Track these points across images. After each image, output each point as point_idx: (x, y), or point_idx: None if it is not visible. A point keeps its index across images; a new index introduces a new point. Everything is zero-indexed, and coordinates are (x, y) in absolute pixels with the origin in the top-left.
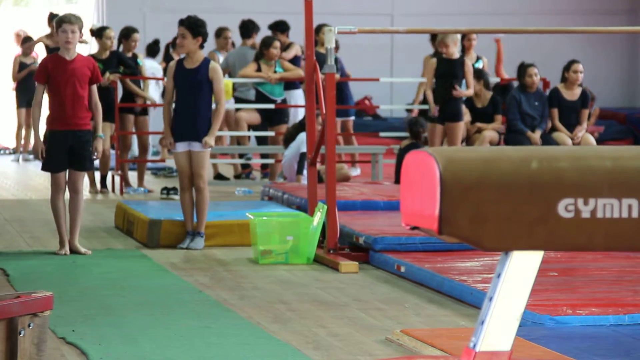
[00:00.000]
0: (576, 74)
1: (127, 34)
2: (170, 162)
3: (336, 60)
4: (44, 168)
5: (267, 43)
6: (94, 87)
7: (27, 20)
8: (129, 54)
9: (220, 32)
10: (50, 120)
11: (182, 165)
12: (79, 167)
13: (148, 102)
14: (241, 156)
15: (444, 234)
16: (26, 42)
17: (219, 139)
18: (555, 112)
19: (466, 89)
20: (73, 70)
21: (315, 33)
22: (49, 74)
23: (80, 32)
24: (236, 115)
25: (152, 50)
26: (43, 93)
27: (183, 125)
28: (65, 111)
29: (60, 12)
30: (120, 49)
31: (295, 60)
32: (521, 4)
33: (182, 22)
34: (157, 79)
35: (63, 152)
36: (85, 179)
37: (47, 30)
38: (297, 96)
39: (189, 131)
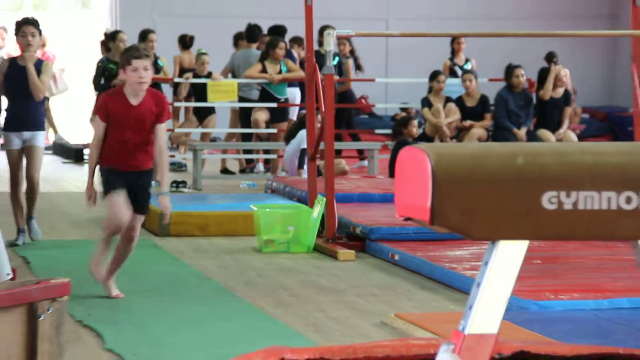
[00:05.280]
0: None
1: (144, 35)
2: (180, 158)
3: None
4: (105, 193)
5: (273, 44)
6: (161, 128)
7: (46, 24)
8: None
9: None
10: (105, 160)
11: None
12: (139, 210)
13: None
14: (246, 152)
15: (435, 225)
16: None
17: (231, 137)
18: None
19: None
20: (137, 116)
21: (320, 34)
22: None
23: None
24: (253, 118)
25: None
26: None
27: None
28: (123, 157)
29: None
30: None
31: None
32: (511, 9)
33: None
34: (167, 80)
35: (123, 183)
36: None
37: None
38: (294, 94)
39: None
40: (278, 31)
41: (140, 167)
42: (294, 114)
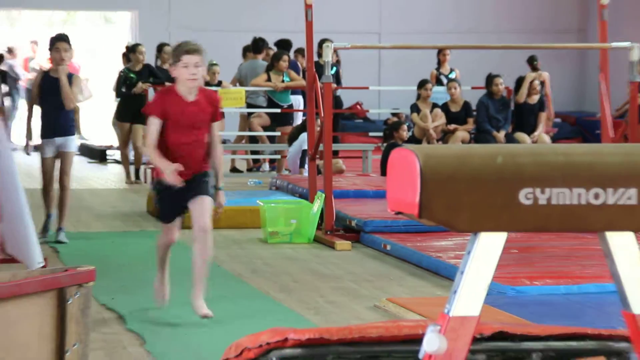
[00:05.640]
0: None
1: (160, 48)
2: None
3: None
4: (159, 219)
5: (277, 57)
6: (216, 125)
7: (73, 37)
8: (166, 65)
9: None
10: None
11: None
12: (198, 193)
13: None
14: (253, 153)
15: (423, 218)
16: None
17: (240, 139)
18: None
19: None
20: (194, 114)
21: (319, 47)
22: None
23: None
24: (250, 122)
25: None
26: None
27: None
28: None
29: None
30: (158, 61)
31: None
32: (491, 23)
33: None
34: None
35: (178, 202)
36: (121, 172)
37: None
38: (298, 101)
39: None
40: (284, 44)
41: (198, 172)
42: (299, 119)
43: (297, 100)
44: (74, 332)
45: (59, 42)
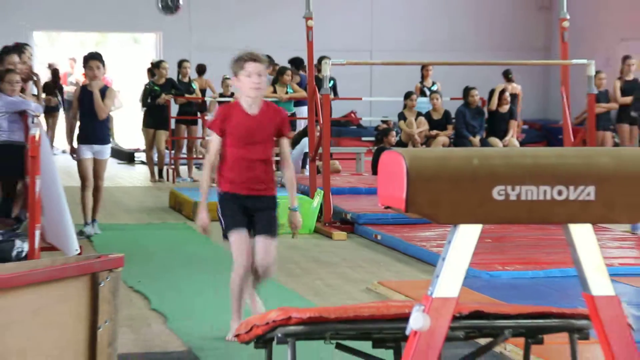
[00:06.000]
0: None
1: (180, 63)
2: None
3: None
4: (226, 230)
5: (282, 72)
6: (285, 143)
7: (105, 55)
8: (186, 79)
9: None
10: (224, 183)
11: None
12: (265, 232)
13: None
14: None
15: (409, 212)
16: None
17: None
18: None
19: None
20: (255, 129)
21: (318, 63)
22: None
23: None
24: None
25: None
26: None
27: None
28: (244, 178)
29: (131, 51)
30: (179, 76)
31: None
32: (468, 42)
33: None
34: (199, 99)
35: (244, 214)
36: (146, 172)
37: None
38: (304, 110)
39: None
40: (297, 62)
41: (264, 192)
42: (302, 125)
43: (301, 110)
44: (105, 311)
45: (91, 61)
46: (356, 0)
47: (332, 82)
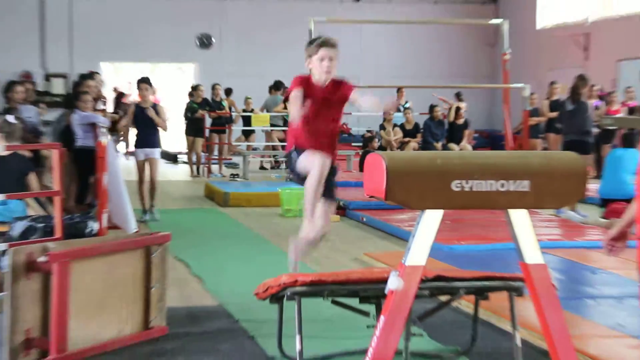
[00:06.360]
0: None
1: (213, 87)
2: (236, 159)
3: None
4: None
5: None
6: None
7: (156, 79)
8: (217, 98)
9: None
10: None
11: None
12: (332, 197)
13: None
14: (274, 156)
15: (388, 200)
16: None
17: (266, 147)
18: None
19: None
20: (326, 96)
21: None
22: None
23: None
24: (272, 136)
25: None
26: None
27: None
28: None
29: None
30: (213, 96)
31: None
32: (433, 70)
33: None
34: (227, 114)
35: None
36: (187, 169)
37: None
38: None
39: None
40: None
41: (333, 162)
42: None
43: None
44: (156, 275)
45: (142, 83)
46: (350, 39)
47: None
